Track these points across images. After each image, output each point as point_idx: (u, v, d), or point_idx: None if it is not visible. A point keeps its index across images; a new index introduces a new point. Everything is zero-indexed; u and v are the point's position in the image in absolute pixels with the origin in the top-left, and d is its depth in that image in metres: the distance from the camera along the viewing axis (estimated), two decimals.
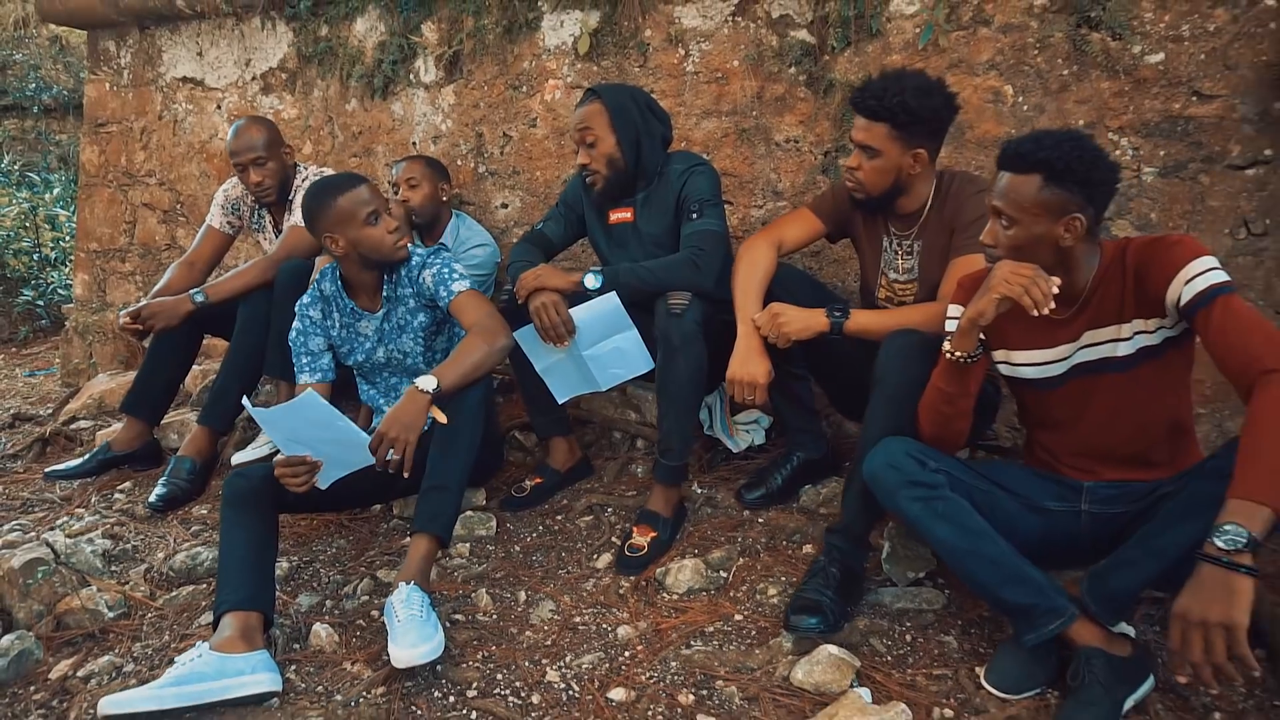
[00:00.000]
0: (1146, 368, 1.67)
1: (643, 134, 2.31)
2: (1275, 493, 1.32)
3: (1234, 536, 1.29)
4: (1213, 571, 1.31)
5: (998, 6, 2.41)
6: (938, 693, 1.68)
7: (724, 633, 1.90)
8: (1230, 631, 1.27)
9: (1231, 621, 1.27)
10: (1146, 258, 1.61)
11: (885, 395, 1.86)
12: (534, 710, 1.71)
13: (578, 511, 2.44)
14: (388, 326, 2.29)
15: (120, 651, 1.98)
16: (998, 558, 1.66)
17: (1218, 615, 1.28)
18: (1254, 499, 1.32)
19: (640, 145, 2.31)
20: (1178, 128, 2.27)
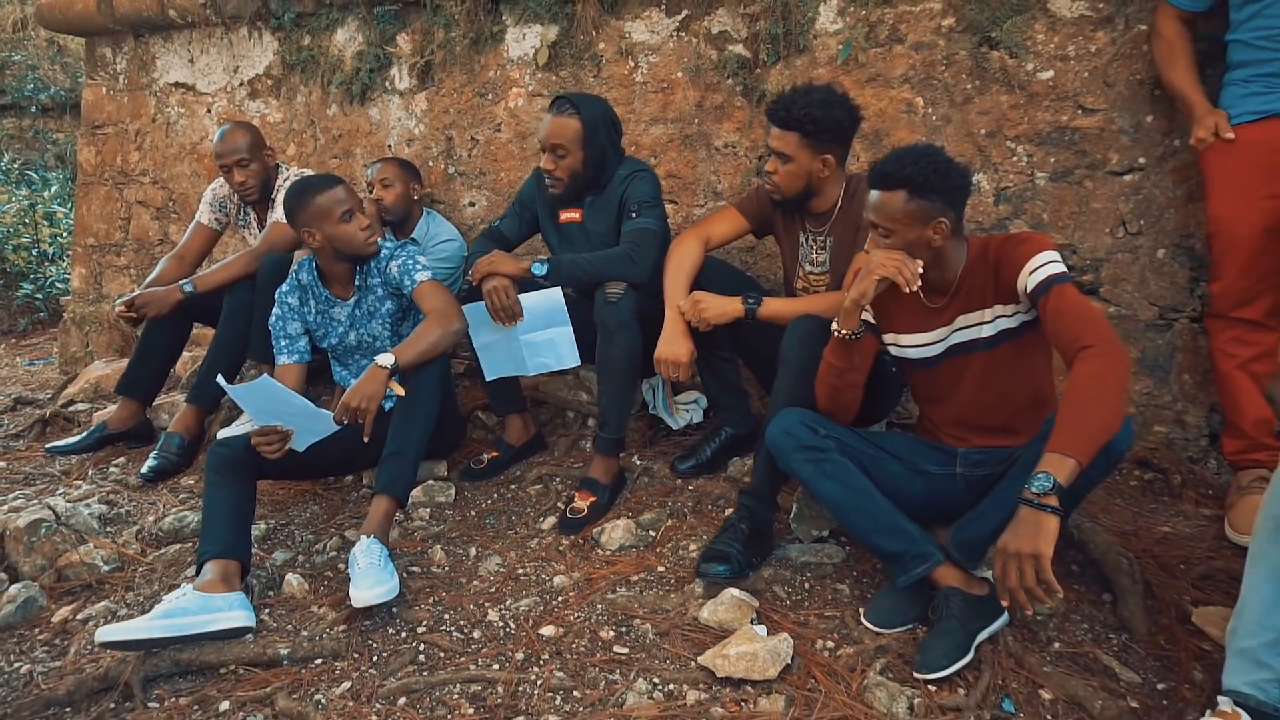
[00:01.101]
0: (1007, 347, 1.93)
1: (607, 152, 2.55)
2: (1079, 447, 1.58)
3: (1043, 482, 1.56)
4: (1026, 511, 1.57)
5: (910, 26, 2.67)
6: (824, 629, 1.94)
7: (646, 581, 2.16)
8: (1037, 560, 1.53)
9: (1038, 551, 1.53)
10: (1003, 253, 1.87)
11: (788, 372, 2.12)
12: (474, 643, 1.96)
13: (529, 481, 2.69)
14: (359, 313, 2.54)
15: (115, 599, 2.24)
16: (876, 511, 1.92)
17: (1028, 547, 1.54)
18: (1063, 452, 1.58)
19: (602, 162, 2.55)
20: (1065, 137, 2.53)
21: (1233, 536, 2.12)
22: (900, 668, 1.80)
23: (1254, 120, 2.12)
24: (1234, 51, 2.19)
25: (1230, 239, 2.16)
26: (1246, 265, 2.16)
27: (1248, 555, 1.53)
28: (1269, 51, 2.10)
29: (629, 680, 1.81)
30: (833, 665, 1.81)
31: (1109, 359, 1.63)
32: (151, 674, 1.90)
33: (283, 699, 1.81)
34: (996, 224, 2.63)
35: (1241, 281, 2.17)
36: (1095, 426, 1.60)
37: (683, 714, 1.70)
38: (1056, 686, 1.72)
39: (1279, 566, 1.46)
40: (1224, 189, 2.17)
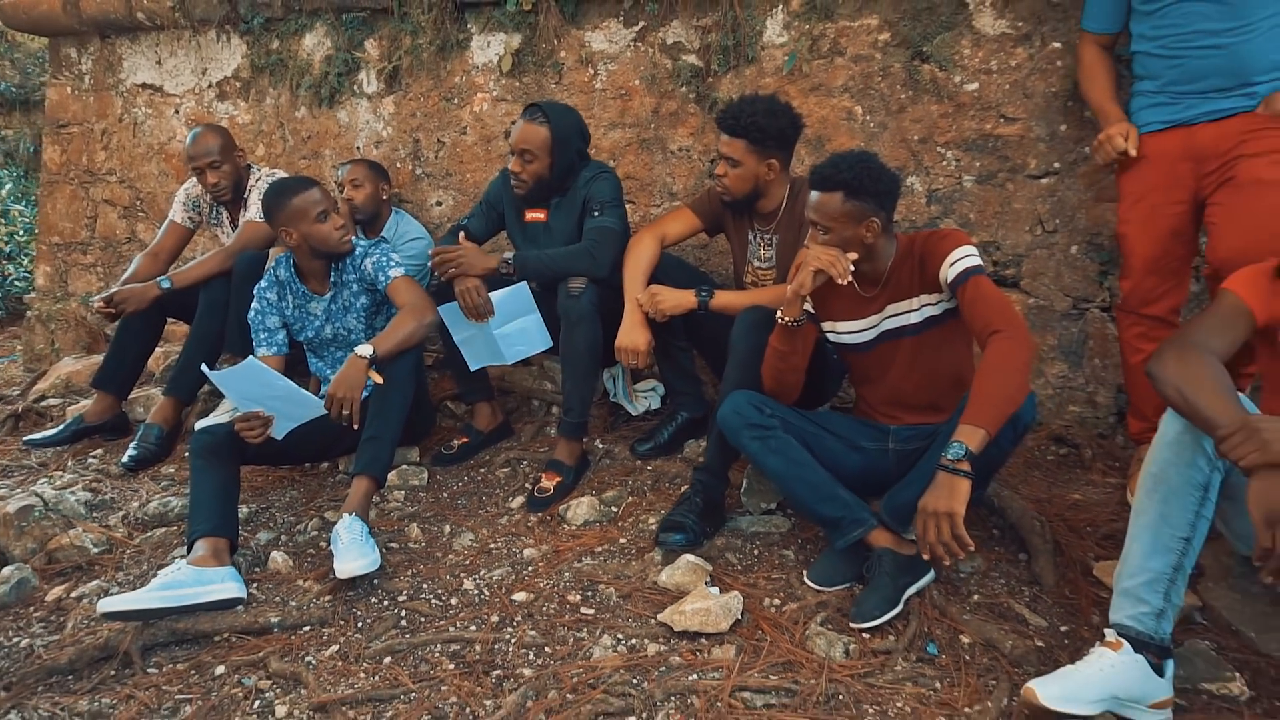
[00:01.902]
0: (932, 332, 2.15)
1: (574, 161, 2.72)
2: (988, 419, 1.81)
3: (957, 450, 1.78)
4: (943, 476, 1.79)
5: (849, 40, 2.89)
6: (771, 588, 2.15)
7: (610, 552, 2.35)
8: (951, 517, 1.75)
9: (952, 510, 1.75)
10: (927, 248, 2.09)
11: (737, 358, 2.32)
12: (452, 609, 2.14)
13: (498, 465, 2.86)
14: (334, 307, 2.69)
15: (106, 578, 2.36)
16: (816, 482, 2.13)
17: (944, 506, 1.76)
18: (974, 423, 1.80)
19: (569, 170, 2.72)
20: (989, 144, 2.77)
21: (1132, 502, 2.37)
22: (838, 620, 2.01)
23: (1159, 130, 2.26)
24: (1137, 63, 2.35)
25: (1137, 241, 2.34)
26: (1152, 266, 2.33)
27: (1132, 509, 1.76)
28: (1166, 60, 2.22)
29: (595, 637, 1.99)
30: (778, 619, 2.02)
31: (1015, 342, 1.85)
32: (149, 643, 2.04)
33: (275, 661, 1.96)
34: (928, 222, 2.86)
35: (1148, 281, 2.34)
36: (1002, 401, 1.82)
37: (645, 664, 1.89)
38: (974, 631, 1.94)
39: (1154, 517, 1.69)
40: (1132, 195, 2.35)
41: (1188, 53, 2.16)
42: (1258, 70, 2.10)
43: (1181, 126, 2.23)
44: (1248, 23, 2.06)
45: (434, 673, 1.90)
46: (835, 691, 1.79)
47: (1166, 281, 2.34)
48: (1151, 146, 2.28)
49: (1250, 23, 2.06)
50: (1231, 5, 2.07)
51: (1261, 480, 1.47)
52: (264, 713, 1.83)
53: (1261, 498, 1.46)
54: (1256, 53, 2.08)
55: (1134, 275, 2.37)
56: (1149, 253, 2.33)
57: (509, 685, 1.85)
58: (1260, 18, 2.06)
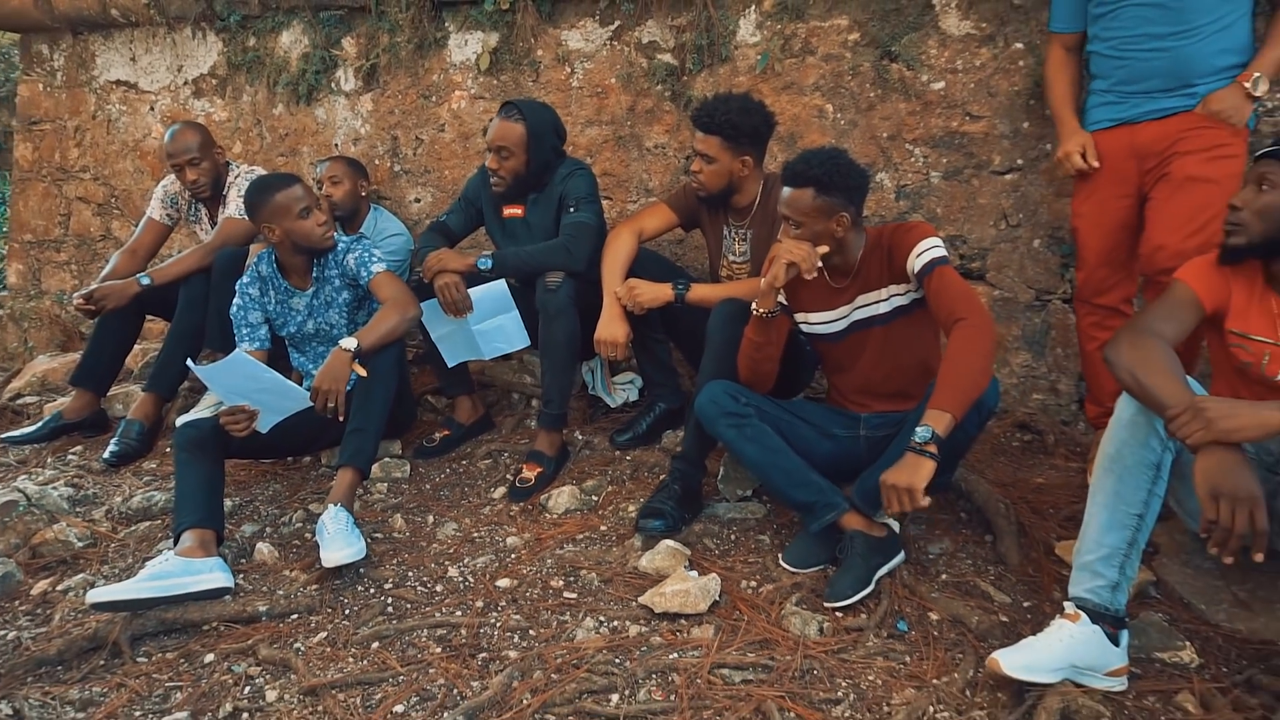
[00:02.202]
0: (900, 322, 2.23)
1: (550, 158, 2.78)
2: (954, 403, 1.89)
3: (924, 433, 1.86)
4: (910, 455, 1.87)
5: (820, 40, 2.97)
6: (748, 571, 2.22)
7: (591, 539, 2.41)
8: (911, 490, 1.84)
9: (912, 485, 1.83)
10: (894, 240, 2.18)
11: (713, 349, 2.39)
12: (438, 595, 2.19)
13: (479, 457, 2.91)
14: (316, 302, 2.72)
15: (91, 571, 2.38)
16: (790, 468, 2.20)
17: (904, 481, 1.85)
18: (940, 408, 1.89)
19: (544, 166, 2.78)
20: (955, 141, 2.86)
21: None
22: (813, 600, 2.08)
23: (1107, 128, 2.38)
24: (1092, 63, 2.43)
25: (1089, 234, 2.45)
26: (1104, 259, 2.44)
27: (1089, 488, 1.85)
28: (1115, 61, 2.32)
29: (578, 619, 2.05)
30: (755, 600, 2.09)
31: (979, 329, 1.94)
32: (138, 633, 2.07)
33: (265, 648, 2.00)
34: (897, 217, 2.95)
35: (1100, 272, 2.46)
36: (967, 386, 1.91)
37: (626, 644, 1.95)
38: (942, 609, 2.03)
39: (1110, 495, 1.78)
40: (1084, 190, 2.46)
41: (1134, 54, 2.25)
42: (1199, 73, 2.20)
43: (1127, 125, 2.33)
44: (1190, 27, 2.16)
45: (421, 656, 1.95)
46: (810, 667, 1.86)
47: (1118, 273, 2.45)
48: (1100, 144, 2.39)
49: (1193, 27, 2.16)
50: (1175, 10, 2.17)
51: (1206, 457, 1.57)
52: (254, 698, 1.87)
53: (1206, 473, 1.56)
54: (1198, 56, 2.18)
55: (1087, 267, 2.48)
56: (1100, 245, 2.43)
57: (495, 667, 1.91)
58: (1202, 23, 2.16)
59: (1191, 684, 1.76)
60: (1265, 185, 1.78)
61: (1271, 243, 1.78)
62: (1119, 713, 1.69)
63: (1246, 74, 2.18)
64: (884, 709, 1.74)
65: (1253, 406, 1.59)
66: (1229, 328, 1.87)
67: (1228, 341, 1.89)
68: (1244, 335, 1.85)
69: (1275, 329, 1.83)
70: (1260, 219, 1.77)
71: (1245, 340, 1.85)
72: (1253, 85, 2.16)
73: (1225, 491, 1.54)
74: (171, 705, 1.87)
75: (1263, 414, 1.57)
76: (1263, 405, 1.59)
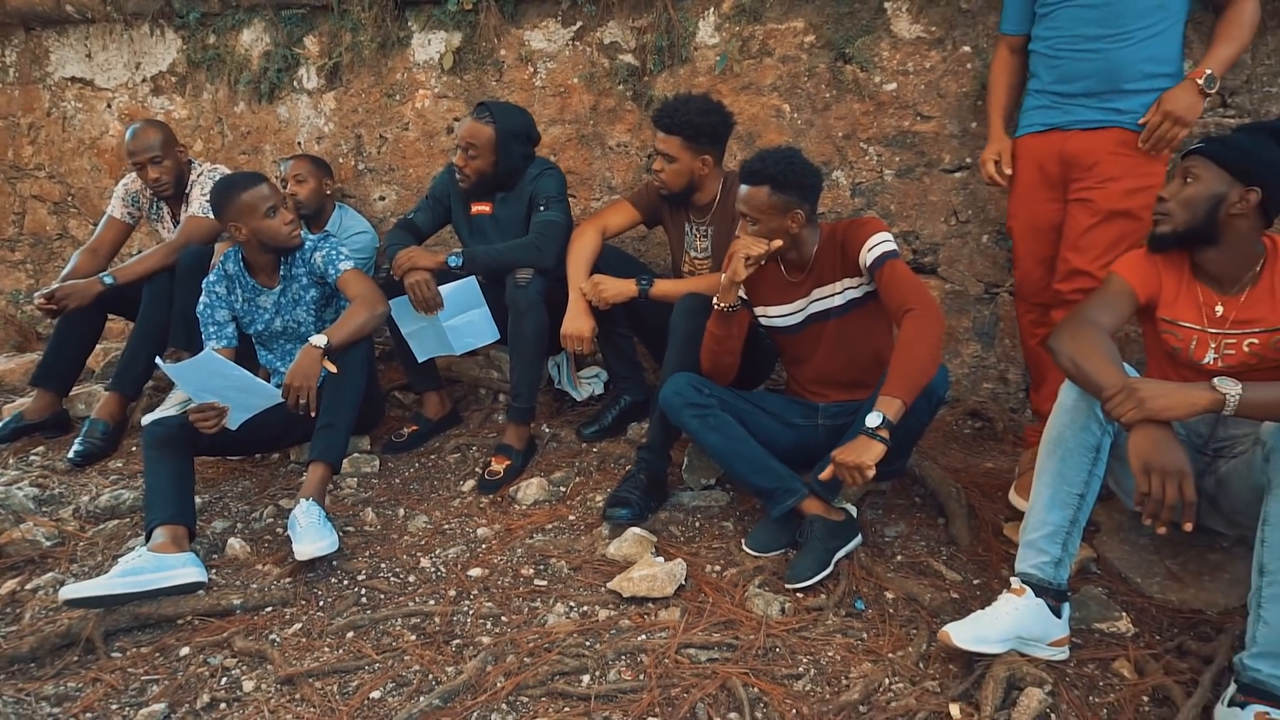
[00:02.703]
0: (855, 314, 2.33)
1: (518, 161, 2.83)
2: (904, 389, 1.99)
3: (875, 418, 1.96)
4: (862, 438, 1.97)
5: (777, 42, 3.06)
6: (712, 556, 2.30)
7: (559, 528, 2.47)
8: (860, 468, 1.94)
9: (861, 463, 1.93)
10: (847, 235, 2.27)
11: (676, 342, 2.47)
12: (411, 586, 2.24)
13: (448, 451, 2.96)
14: (284, 300, 2.74)
15: (61, 570, 2.39)
16: (752, 456, 2.29)
17: (852, 459, 1.94)
18: (891, 394, 1.99)
19: (513, 169, 2.83)
20: (908, 140, 2.97)
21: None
22: (774, 582, 2.17)
23: (1041, 131, 2.40)
24: (1031, 61, 2.45)
25: (1023, 235, 2.49)
26: (1039, 258, 2.46)
27: (1034, 470, 1.96)
28: (1050, 60, 2.34)
29: (549, 606, 2.12)
30: (719, 583, 2.17)
31: (927, 319, 2.04)
32: (112, 629, 2.09)
33: (240, 640, 2.03)
34: (852, 213, 3.05)
35: (1036, 271, 2.48)
36: (916, 374, 2.01)
37: (596, 628, 2.02)
38: (898, 587, 2.13)
39: (1053, 476, 1.89)
40: (1018, 192, 2.48)
41: (1068, 54, 2.32)
42: (1126, 78, 2.27)
43: (1059, 130, 2.37)
44: (1123, 31, 2.24)
45: (396, 644, 2.00)
46: (772, 645, 1.95)
47: (1052, 272, 2.47)
48: (1034, 146, 2.42)
49: (1125, 31, 2.24)
50: (1110, 12, 2.24)
51: (1139, 434, 1.68)
52: (232, 688, 1.91)
53: (1139, 449, 1.67)
54: (1127, 61, 2.26)
55: (1022, 266, 2.55)
56: (1033, 246, 2.49)
57: (469, 653, 1.97)
58: (1134, 28, 2.23)
59: (1127, 651, 1.88)
60: (1189, 178, 1.89)
61: (1194, 232, 1.89)
62: (1061, 680, 1.80)
63: (1199, 70, 2.21)
64: (842, 682, 1.83)
65: (1180, 387, 1.70)
66: (1160, 315, 2.00)
67: (1159, 329, 2.01)
68: (1173, 322, 1.98)
69: (1201, 316, 1.95)
70: (1184, 209, 1.88)
71: (1175, 327, 1.98)
72: (1205, 83, 2.20)
73: (1156, 466, 1.65)
74: (148, 698, 1.90)
75: (1189, 394, 1.68)
76: (1189, 386, 1.70)
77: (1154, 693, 1.77)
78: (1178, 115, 2.20)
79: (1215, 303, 1.94)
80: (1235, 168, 1.84)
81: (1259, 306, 1.89)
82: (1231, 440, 1.98)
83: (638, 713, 1.75)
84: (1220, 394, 1.65)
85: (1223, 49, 2.25)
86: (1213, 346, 1.94)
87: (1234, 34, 2.25)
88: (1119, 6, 2.22)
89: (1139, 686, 1.79)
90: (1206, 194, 1.86)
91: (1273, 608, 1.63)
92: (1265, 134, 1.90)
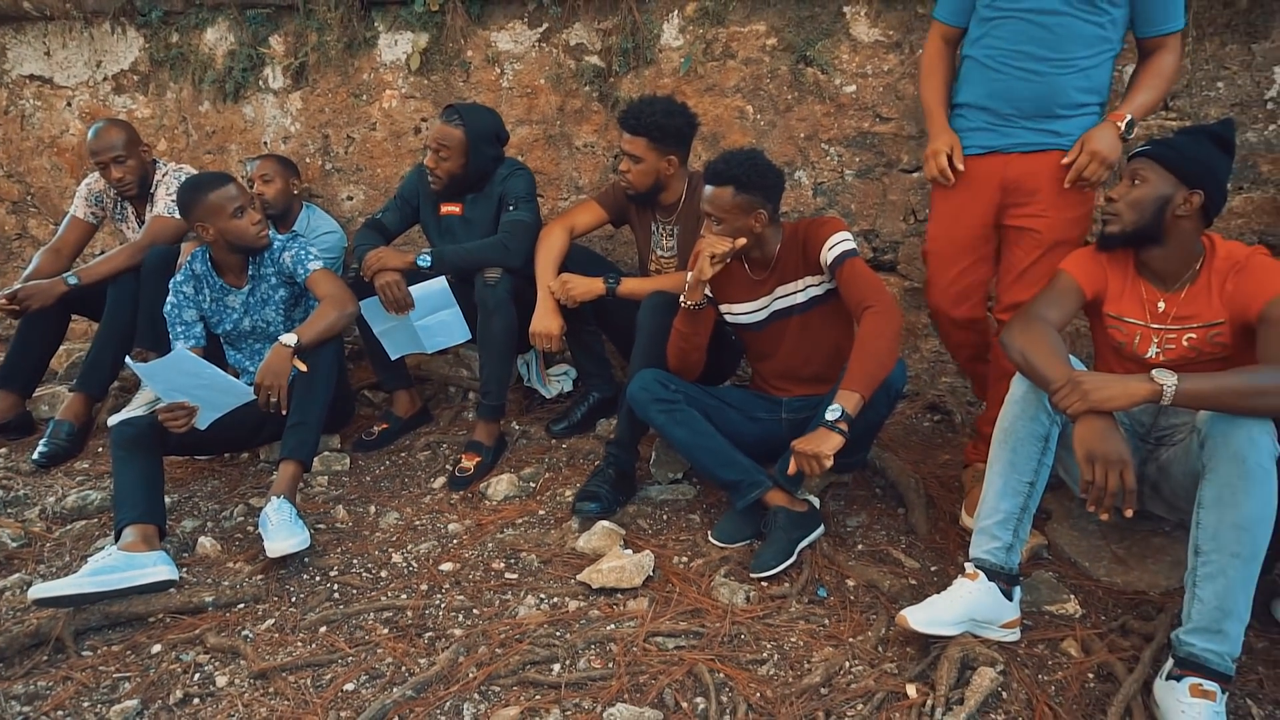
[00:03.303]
0: (817, 311, 2.40)
1: (487, 162, 2.86)
2: (862, 383, 2.07)
3: (834, 410, 2.04)
4: (821, 430, 2.05)
5: (740, 44, 3.12)
6: (679, 548, 2.36)
7: (530, 523, 2.51)
8: (817, 457, 2.02)
9: (819, 452, 2.01)
10: (808, 234, 2.34)
11: (643, 339, 2.52)
12: (383, 580, 2.27)
13: (418, 449, 2.99)
14: (253, 300, 2.75)
15: (28, 571, 2.38)
16: (717, 449, 2.35)
17: (811, 449, 2.02)
18: (850, 388, 2.06)
19: (482, 171, 2.86)
20: (868, 141, 3.05)
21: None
22: (740, 571, 2.23)
23: (978, 155, 2.31)
24: (965, 67, 2.34)
25: (942, 259, 2.38)
26: (953, 279, 2.37)
27: (988, 460, 2.04)
28: (989, 72, 2.25)
29: (520, 598, 2.16)
30: (686, 573, 2.23)
31: (885, 315, 2.12)
32: (82, 627, 2.09)
33: (213, 636, 2.05)
34: (815, 213, 3.13)
35: (950, 292, 2.39)
36: (875, 367, 2.08)
37: (566, 618, 2.07)
38: (858, 575, 2.20)
39: (1005, 465, 1.97)
40: (942, 213, 2.39)
41: (1008, 69, 2.23)
42: (1061, 104, 2.20)
43: (999, 154, 2.28)
44: (1065, 57, 2.17)
45: (369, 638, 2.03)
46: (738, 632, 2.01)
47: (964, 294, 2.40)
48: (971, 169, 2.32)
49: (1069, 58, 2.17)
50: (1056, 36, 2.16)
51: (1083, 425, 1.76)
52: (205, 684, 1.93)
53: (1083, 439, 1.75)
54: (1064, 88, 2.20)
55: (938, 289, 2.42)
56: (951, 270, 2.38)
57: (441, 645, 2.00)
58: (1076, 55, 2.18)
59: (1075, 632, 1.97)
60: (1137, 180, 1.98)
61: (1141, 232, 1.98)
62: (1012, 659, 1.88)
63: (1119, 114, 2.18)
64: (805, 666, 1.90)
65: (1121, 379, 1.79)
66: (1106, 311, 2.09)
67: (1106, 324, 2.10)
68: (1119, 318, 2.07)
69: (1144, 312, 2.04)
70: (1132, 210, 1.97)
71: (1120, 323, 2.07)
72: (1125, 128, 2.17)
73: (1099, 455, 1.73)
74: (121, 695, 1.91)
75: (1129, 385, 1.77)
76: (1130, 378, 1.79)
77: (1099, 670, 1.86)
78: (1102, 155, 2.16)
79: (1158, 299, 2.03)
80: (1180, 171, 1.93)
81: (1197, 303, 1.99)
82: (1172, 429, 2.07)
83: (607, 699, 1.80)
84: (1158, 385, 1.73)
85: (1143, 95, 2.22)
86: (1155, 341, 2.03)
87: (1155, 84, 2.22)
88: (1064, 32, 2.16)
89: (1085, 664, 1.87)
90: (1153, 196, 1.95)
91: (1207, 586, 1.72)
92: (1207, 138, 1.99)
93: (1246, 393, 1.71)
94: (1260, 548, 1.71)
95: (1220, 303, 1.96)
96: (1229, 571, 1.70)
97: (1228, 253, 1.98)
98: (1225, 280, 1.95)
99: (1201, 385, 1.73)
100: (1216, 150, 1.98)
